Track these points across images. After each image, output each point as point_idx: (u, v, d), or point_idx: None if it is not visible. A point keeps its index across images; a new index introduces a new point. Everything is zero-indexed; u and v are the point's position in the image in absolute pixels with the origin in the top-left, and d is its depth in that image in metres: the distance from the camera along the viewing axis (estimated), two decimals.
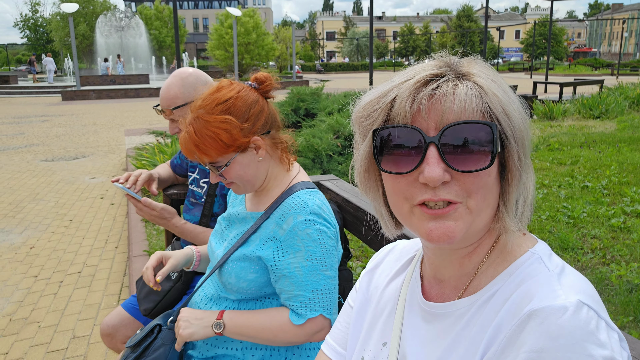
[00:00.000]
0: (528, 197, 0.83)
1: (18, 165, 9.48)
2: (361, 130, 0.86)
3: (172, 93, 2.23)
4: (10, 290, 4.21)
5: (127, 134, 12.99)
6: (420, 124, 0.77)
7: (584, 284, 0.76)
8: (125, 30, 44.03)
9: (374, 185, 0.90)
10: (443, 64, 0.82)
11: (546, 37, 42.78)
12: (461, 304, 0.85)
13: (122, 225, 5.84)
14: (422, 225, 0.80)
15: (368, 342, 1.01)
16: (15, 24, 65.84)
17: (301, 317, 1.47)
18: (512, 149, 0.79)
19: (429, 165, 0.75)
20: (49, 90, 29.06)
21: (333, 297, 1.51)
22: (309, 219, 1.48)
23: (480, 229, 0.82)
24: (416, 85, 0.78)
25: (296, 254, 1.48)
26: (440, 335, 0.86)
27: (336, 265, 1.53)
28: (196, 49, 73.34)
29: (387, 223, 0.92)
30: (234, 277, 1.55)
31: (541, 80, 18.71)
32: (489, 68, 0.83)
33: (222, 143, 1.45)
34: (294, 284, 1.48)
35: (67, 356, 3.23)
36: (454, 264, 0.88)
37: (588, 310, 0.70)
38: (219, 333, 1.52)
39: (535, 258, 0.81)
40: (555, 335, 0.67)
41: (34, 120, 16.70)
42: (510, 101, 0.79)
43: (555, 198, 5.60)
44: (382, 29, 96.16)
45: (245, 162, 1.52)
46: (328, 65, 65.21)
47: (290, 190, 1.58)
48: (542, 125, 11.38)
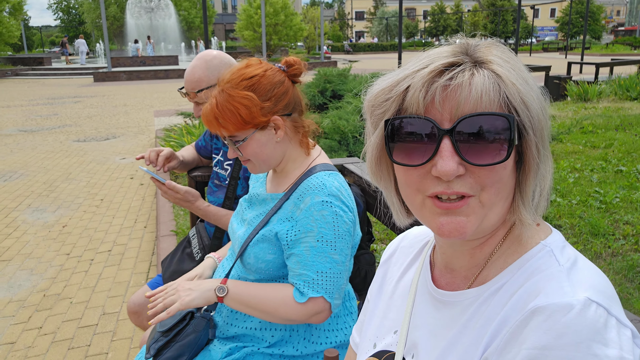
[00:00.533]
0: (545, 187, 0.80)
1: (52, 146, 9.72)
2: (373, 119, 0.83)
3: (196, 76, 2.24)
4: (44, 267, 4.35)
5: (156, 115, 13.16)
6: (434, 115, 0.75)
7: (596, 278, 0.73)
8: (155, 11, 44.26)
9: (385, 174, 0.88)
10: (460, 49, 0.78)
11: (583, 15, 41.29)
12: (469, 294, 0.83)
13: (151, 205, 5.95)
14: (433, 219, 0.78)
15: (381, 329, 1.01)
16: (49, 6, 67.03)
17: (303, 295, 1.48)
18: (531, 140, 0.76)
19: (443, 158, 0.73)
20: (81, 72, 29.59)
21: (337, 282, 1.49)
22: (326, 201, 1.48)
23: (493, 223, 0.80)
24: (430, 75, 0.74)
25: (308, 234, 1.48)
26: (447, 325, 0.85)
27: (347, 251, 1.52)
28: (225, 30, 73.41)
29: (399, 212, 0.91)
30: (253, 257, 1.57)
31: (576, 60, 18.14)
32: (509, 53, 0.79)
33: (240, 118, 1.47)
34: (300, 263, 1.49)
35: (97, 331, 3.33)
36: (465, 255, 0.87)
37: (597, 308, 0.67)
38: (220, 298, 1.51)
39: (547, 251, 0.78)
40: (560, 333, 0.65)
41: (67, 102, 17.06)
42: (530, 90, 0.76)
43: (587, 182, 5.46)
44: (412, 7, 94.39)
45: (262, 140, 1.53)
46: (357, 46, 64.53)
47: (310, 171, 1.58)
48: (576, 107, 11.05)
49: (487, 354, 0.75)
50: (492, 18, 69.86)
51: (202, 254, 2.27)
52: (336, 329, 1.63)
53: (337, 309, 1.58)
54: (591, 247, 3.90)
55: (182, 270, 2.26)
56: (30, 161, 8.44)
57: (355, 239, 1.60)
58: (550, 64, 15.43)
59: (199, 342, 1.62)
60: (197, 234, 2.36)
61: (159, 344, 1.61)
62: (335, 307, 1.50)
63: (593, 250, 3.85)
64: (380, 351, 0.98)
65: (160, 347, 1.60)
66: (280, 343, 1.59)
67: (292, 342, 1.59)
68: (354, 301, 1.74)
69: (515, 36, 18.58)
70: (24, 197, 6.40)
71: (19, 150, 9.36)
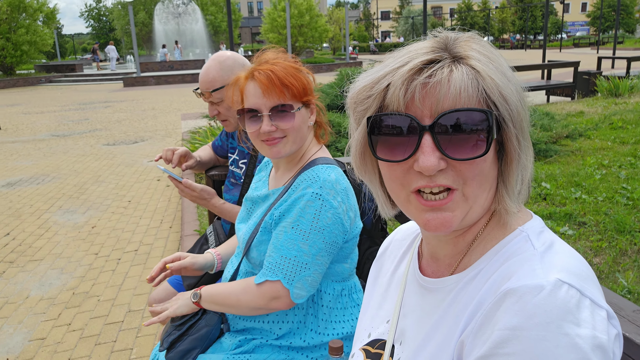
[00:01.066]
0: (526, 176, 0.82)
1: (82, 149, 10.00)
2: (355, 115, 0.85)
3: (210, 76, 2.30)
4: (73, 266, 4.50)
5: (183, 118, 13.39)
6: (415, 111, 0.76)
7: (571, 261, 0.75)
8: (182, 16, 45.01)
9: (369, 168, 0.91)
10: (439, 45, 0.79)
11: (615, 9, 40.31)
12: (450, 281, 0.85)
13: (176, 206, 6.08)
14: (419, 214, 0.81)
15: (375, 319, 1.04)
16: (80, 14, 68.83)
17: (262, 276, 1.52)
18: (511, 132, 0.77)
19: (424, 154, 0.75)
20: (112, 77, 30.32)
21: (300, 272, 1.50)
22: (316, 193, 1.51)
23: (477, 214, 0.82)
24: (409, 73, 0.76)
25: (287, 219, 1.53)
26: (431, 311, 0.87)
27: (321, 245, 1.51)
28: (251, 33, 74.05)
29: (384, 204, 0.93)
30: (256, 251, 1.61)
31: (608, 55, 17.70)
32: (488, 47, 0.81)
33: (301, 87, 1.56)
34: (272, 245, 1.54)
35: (122, 328, 3.43)
36: (448, 244, 0.89)
37: (568, 289, 0.68)
38: (196, 302, 1.62)
39: (523, 236, 0.80)
40: (530, 313, 0.67)
41: (97, 106, 17.51)
42: (508, 83, 0.77)
43: (614, 179, 5.35)
44: (439, 6, 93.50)
45: (305, 119, 1.61)
46: (382, 46, 64.29)
47: (309, 165, 1.62)
48: (606, 102, 10.80)
49: (463, 337, 0.77)
50: (521, 14, 68.65)
51: None
52: (343, 320, 1.66)
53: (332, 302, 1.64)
54: (616, 244, 3.82)
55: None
56: (62, 165, 8.70)
57: (353, 230, 1.63)
58: (580, 59, 15.11)
59: (211, 336, 1.67)
60: (214, 231, 2.42)
61: (172, 337, 1.67)
62: (296, 297, 1.51)
63: (618, 247, 3.77)
64: (373, 340, 1.01)
65: (173, 340, 1.66)
66: (288, 335, 1.63)
67: (300, 334, 1.62)
68: (361, 293, 1.76)
69: (543, 32, 18.21)
70: (56, 199, 6.61)
71: (52, 154, 9.66)
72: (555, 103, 12.02)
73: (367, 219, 2.08)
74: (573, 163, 6.12)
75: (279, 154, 1.59)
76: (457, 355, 0.78)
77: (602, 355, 0.66)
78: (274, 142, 1.58)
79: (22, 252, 4.86)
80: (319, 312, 1.64)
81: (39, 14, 32.49)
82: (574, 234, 4.02)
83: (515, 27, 70.50)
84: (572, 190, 4.99)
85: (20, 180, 7.74)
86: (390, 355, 0.93)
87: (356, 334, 1.11)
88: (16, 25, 30.71)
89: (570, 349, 0.64)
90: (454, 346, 0.79)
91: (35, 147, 10.47)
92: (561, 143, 7.05)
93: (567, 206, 4.58)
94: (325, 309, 1.65)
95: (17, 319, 3.61)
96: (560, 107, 10.85)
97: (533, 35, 69.99)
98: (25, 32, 30.59)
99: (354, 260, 1.71)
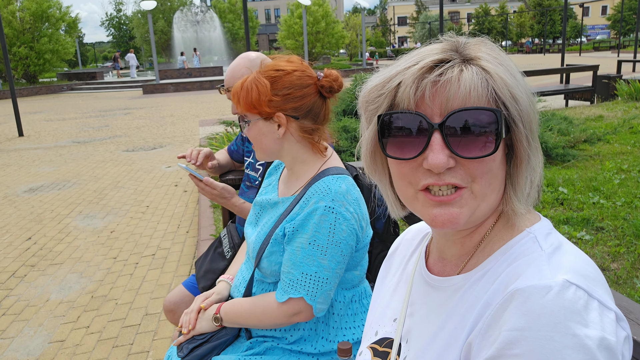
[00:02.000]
0: (535, 178, 0.82)
1: (102, 155, 10.16)
2: (367, 115, 0.87)
3: (239, 73, 2.32)
4: (92, 270, 4.58)
5: (201, 124, 13.53)
6: (425, 110, 0.78)
7: (579, 263, 0.75)
8: (201, 24, 45.57)
9: (380, 168, 0.92)
10: (450, 47, 0.81)
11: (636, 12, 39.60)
12: (457, 280, 0.86)
13: (193, 211, 6.14)
14: (426, 211, 0.81)
15: (383, 318, 1.05)
16: (101, 23, 70.04)
17: (285, 294, 1.52)
18: (520, 132, 0.78)
19: (433, 151, 0.76)
20: (131, 85, 30.78)
21: (322, 287, 1.51)
22: (329, 206, 1.50)
23: (485, 213, 0.82)
24: (420, 71, 0.77)
25: (303, 235, 1.52)
26: (437, 310, 0.88)
27: (340, 258, 1.53)
28: (268, 40, 74.57)
29: (393, 204, 0.94)
30: (266, 261, 1.62)
31: (629, 58, 17.44)
32: (498, 50, 0.82)
33: (250, 100, 1.57)
34: (290, 261, 1.53)
35: (140, 331, 3.48)
36: (456, 244, 0.90)
37: (576, 290, 0.68)
38: (219, 326, 1.67)
39: (530, 237, 0.81)
40: (538, 314, 0.67)
41: (117, 113, 17.78)
42: (518, 84, 0.78)
43: (633, 183, 5.27)
44: (456, 11, 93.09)
45: (264, 130, 1.60)
46: (399, 51, 64.19)
47: (319, 175, 1.61)
48: (626, 106, 10.64)
49: (470, 338, 0.77)
50: (539, 19, 68.00)
51: (232, 252, 2.35)
52: (353, 326, 1.67)
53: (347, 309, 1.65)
54: (634, 249, 3.77)
55: (214, 269, 2.35)
56: (83, 170, 8.86)
57: (364, 240, 1.63)
58: (600, 63, 14.92)
59: (228, 341, 1.70)
60: (228, 234, 2.45)
61: (192, 344, 1.69)
62: (318, 312, 1.53)
63: (637, 252, 3.72)
64: (381, 338, 1.03)
65: (193, 347, 1.69)
66: (300, 341, 1.64)
67: (311, 341, 1.64)
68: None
69: (562, 36, 18.04)
70: (76, 205, 6.73)
71: (72, 160, 9.83)
72: (574, 107, 11.87)
73: (379, 223, 2.09)
74: (591, 168, 6.05)
75: (258, 158, 1.69)
76: (465, 355, 0.78)
77: (610, 357, 0.65)
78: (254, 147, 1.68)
79: (43, 256, 4.96)
80: (330, 320, 1.65)
81: (61, 23, 33.18)
82: (592, 239, 3.97)
83: (534, 32, 69.84)
84: (590, 195, 4.93)
85: (42, 186, 7.90)
86: (397, 353, 0.94)
87: (364, 332, 1.12)
88: (39, 34, 31.40)
89: (578, 350, 0.64)
90: (461, 347, 0.79)
91: (57, 153, 10.67)
92: (579, 147, 6.96)
93: (584, 211, 4.53)
94: (337, 316, 1.66)
95: (37, 321, 3.68)
96: (579, 111, 10.72)
97: (552, 40, 69.24)
98: (47, 41, 31.26)
99: (363, 267, 1.71)
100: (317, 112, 1.62)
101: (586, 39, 72.41)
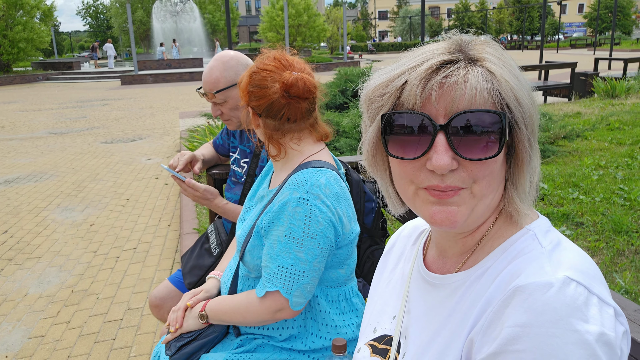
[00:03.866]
0: (534, 178, 0.83)
1: (80, 147, 9.98)
2: (369, 113, 0.86)
3: (214, 77, 2.29)
4: (72, 264, 4.50)
5: (181, 116, 13.38)
6: (430, 110, 0.78)
7: (578, 259, 0.76)
8: (180, 15, 44.94)
9: (381, 166, 0.92)
10: (454, 46, 0.80)
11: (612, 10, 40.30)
12: (457, 277, 0.87)
13: (175, 204, 6.08)
14: (425, 208, 0.82)
15: (381, 315, 1.05)
16: (77, 12, 68.66)
17: (263, 288, 1.52)
18: (523, 134, 0.79)
19: (437, 153, 0.76)
20: (109, 75, 30.24)
21: (298, 280, 1.49)
22: (302, 197, 1.49)
23: (484, 213, 0.83)
24: (427, 72, 0.77)
25: (279, 228, 1.51)
26: (437, 307, 0.88)
27: (317, 251, 1.50)
28: (249, 32, 73.98)
29: (394, 202, 0.94)
30: (249, 255, 1.60)
31: (605, 56, 17.78)
32: (501, 51, 0.82)
33: (241, 86, 1.66)
34: (268, 255, 1.52)
35: (122, 326, 3.44)
36: (458, 243, 0.90)
37: (577, 286, 0.70)
38: (205, 323, 1.66)
39: (530, 235, 0.82)
40: (540, 310, 0.68)
41: (95, 104, 17.47)
42: (521, 86, 0.79)
43: (611, 179, 5.38)
44: (436, 6, 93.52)
45: (250, 116, 1.69)
46: (380, 45, 64.32)
47: (299, 167, 1.59)
48: (603, 103, 10.85)
49: (472, 334, 0.78)
50: (518, 15, 68.78)
51: (219, 249, 2.33)
52: (343, 325, 1.66)
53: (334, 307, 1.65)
54: (613, 244, 3.85)
55: (200, 265, 2.32)
56: (60, 162, 8.69)
57: (348, 236, 1.61)
58: (577, 60, 15.16)
59: (216, 339, 1.69)
60: (215, 230, 2.42)
61: (181, 342, 1.67)
62: (295, 305, 1.50)
63: (615, 247, 3.80)
64: (380, 336, 1.02)
65: (181, 345, 1.67)
66: (290, 338, 1.63)
67: (301, 338, 1.63)
68: (359, 297, 1.76)
69: (541, 33, 18.27)
70: (54, 197, 6.60)
71: (49, 152, 9.64)
72: (552, 104, 12.05)
73: (367, 218, 2.09)
74: (570, 164, 6.15)
75: None
76: (466, 352, 0.79)
77: (610, 352, 0.67)
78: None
79: (20, 250, 4.86)
80: (317, 316, 1.64)
81: (36, 11, 32.37)
82: (572, 234, 4.04)
83: (513, 28, 70.62)
84: (570, 191, 5.01)
85: (18, 177, 7.73)
86: (397, 350, 0.94)
87: (361, 328, 1.12)
88: (13, 22, 30.60)
89: (579, 345, 0.66)
90: (462, 343, 0.80)
91: (33, 144, 10.45)
92: (559, 144, 7.08)
93: (564, 206, 4.60)
94: (324, 313, 1.64)
95: (15, 316, 3.61)
96: (557, 107, 10.89)
97: (530, 36, 70.11)
98: (22, 30, 30.48)
99: (351, 266, 1.69)
100: (277, 112, 1.61)
101: (563, 36, 73.53)
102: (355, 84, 7.81)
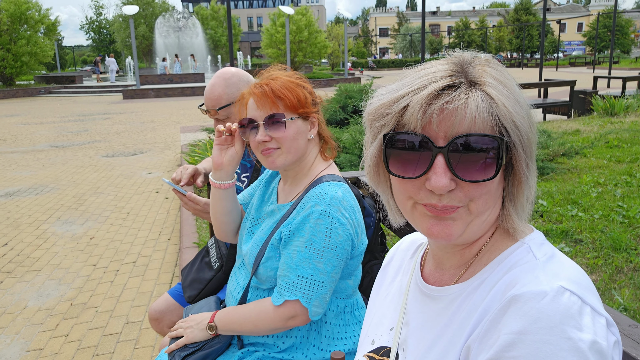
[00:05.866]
0: (531, 195, 0.86)
1: (81, 161, 10.02)
2: (372, 131, 0.89)
3: (216, 93, 2.33)
4: (71, 277, 4.50)
5: (182, 130, 13.45)
6: (430, 132, 0.81)
7: (572, 271, 0.79)
8: (183, 30, 45.38)
9: (382, 180, 0.95)
10: (455, 67, 0.83)
11: (611, 29, 40.66)
12: (454, 289, 0.89)
13: (175, 218, 6.09)
14: (423, 221, 0.85)
15: (379, 327, 1.07)
16: (81, 27, 69.26)
17: (281, 297, 1.53)
18: (520, 157, 0.82)
19: (436, 174, 0.79)
20: (111, 89, 30.40)
21: (318, 290, 1.53)
22: (325, 210, 1.53)
23: (480, 228, 0.86)
24: (428, 97, 0.80)
25: (299, 238, 1.55)
26: (434, 319, 0.90)
27: (335, 262, 1.55)
28: (250, 47, 74.63)
29: (395, 213, 0.98)
30: (263, 267, 1.63)
31: (604, 74, 17.91)
32: (503, 72, 0.85)
33: (296, 98, 1.59)
34: (286, 264, 1.55)
35: (120, 339, 3.43)
36: (456, 255, 0.93)
37: (570, 296, 0.73)
38: (214, 334, 1.66)
39: (525, 247, 0.85)
40: (535, 318, 0.71)
41: (96, 118, 17.56)
42: (521, 110, 0.81)
43: (610, 197, 5.39)
44: (437, 24, 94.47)
45: (302, 129, 1.62)
46: (381, 62, 64.80)
47: (316, 182, 1.64)
48: (602, 121, 10.91)
49: (469, 342, 0.80)
50: (518, 33, 69.37)
51: (219, 262, 2.34)
52: (345, 337, 1.68)
53: (341, 319, 1.66)
54: (612, 261, 3.86)
55: (200, 278, 2.33)
56: (61, 175, 8.72)
57: (359, 247, 1.65)
58: (577, 78, 15.27)
59: (220, 350, 1.70)
60: (215, 244, 2.44)
61: (185, 352, 1.68)
62: (314, 315, 1.54)
63: (614, 264, 3.81)
64: (378, 347, 1.04)
65: (185, 355, 1.67)
66: (291, 349, 1.64)
67: (302, 349, 1.64)
68: (363, 310, 1.78)
69: (540, 51, 18.44)
70: (54, 210, 6.62)
71: (51, 165, 9.67)
72: (551, 121, 12.12)
73: (367, 233, 2.11)
74: (569, 181, 6.18)
75: (273, 164, 1.62)
76: (464, 359, 0.81)
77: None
78: (269, 152, 1.60)
79: (20, 263, 4.86)
80: (322, 328, 1.66)
81: (40, 26, 32.68)
82: (571, 251, 4.05)
83: (512, 46, 71.19)
84: (569, 208, 5.03)
85: (19, 190, 7.75)
86: None
87: (360, 341, 1.14)
88: (17, 36, 30.87)
89: (572, 353, 0.68)
90: (459, 351, 0.82)
91: (34, 157, 10.49)
92: (558, 161, 7.11)
93: (563, 223, 4.62)
94: (328, 325, 1.67)
95: (14, 329, 3.61)
96: (556, 125, 10.95)
97: (530, 54, 70.65)
98: (25, 44, 30.74)
99: (357, 277, 1.73)
100: None
101: (562, 54, 74.10)
102: (356, 100, 7.87)
